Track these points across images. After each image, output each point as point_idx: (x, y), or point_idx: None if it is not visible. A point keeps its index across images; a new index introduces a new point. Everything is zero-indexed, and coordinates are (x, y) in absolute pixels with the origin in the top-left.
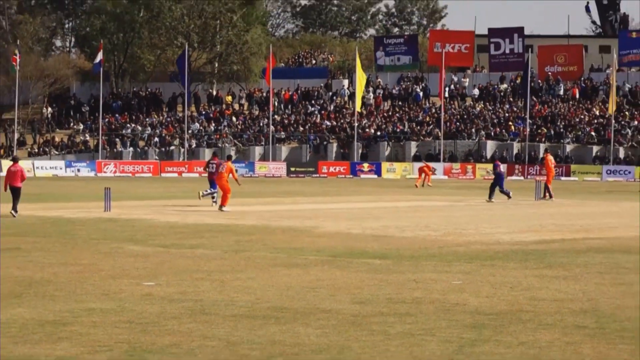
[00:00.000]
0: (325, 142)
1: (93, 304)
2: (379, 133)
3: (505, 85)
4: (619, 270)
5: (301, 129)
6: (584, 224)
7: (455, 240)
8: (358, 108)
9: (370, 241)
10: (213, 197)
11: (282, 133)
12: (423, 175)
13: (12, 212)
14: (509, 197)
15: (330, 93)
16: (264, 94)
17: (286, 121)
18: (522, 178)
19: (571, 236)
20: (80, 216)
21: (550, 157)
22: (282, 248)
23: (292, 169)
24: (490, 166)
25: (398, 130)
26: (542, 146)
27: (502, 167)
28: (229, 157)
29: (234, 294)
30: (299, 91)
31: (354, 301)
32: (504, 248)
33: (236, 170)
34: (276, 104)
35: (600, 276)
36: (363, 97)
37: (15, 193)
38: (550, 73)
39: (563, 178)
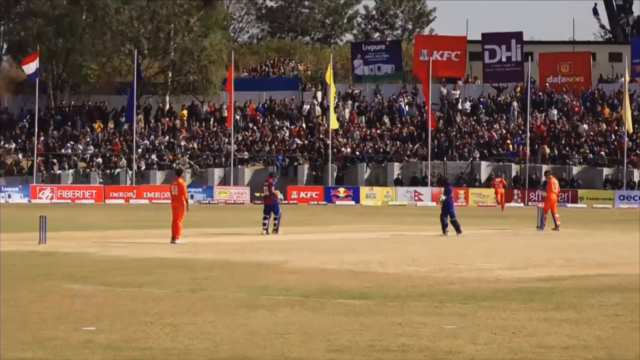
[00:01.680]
0: (295, 164)
1: (23, 353)
2: (357, 153)
3: (502, 98)
4: (638, 312)
5: (267, 148)
6: (596, 258)
7: (448, 277)
8: (333, 125)
9: (349, 278)
10: (274, 225)
11: (246, 153)
12: (499, 195)
13: None
14: (458, 231)
15: (302, 107)
16: (225, 108)
17: (250, 139)
18: (522, 205)
19: (582, 272)
20: (10, 249)
21: (555, 181)
22: (246, 286)
23: (257, 194)
24: (487, 191)
25: (379, 149)
26: (545, 168)
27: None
28: (179, 172)
29: (189, 341)
30: (265, 105)
31: (329, 349)
32: (504, 286)
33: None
34: (239, 119)
35: (616, 319)
36: (338, 112)
37: None
38: (552, 84)
39: (569, 205)
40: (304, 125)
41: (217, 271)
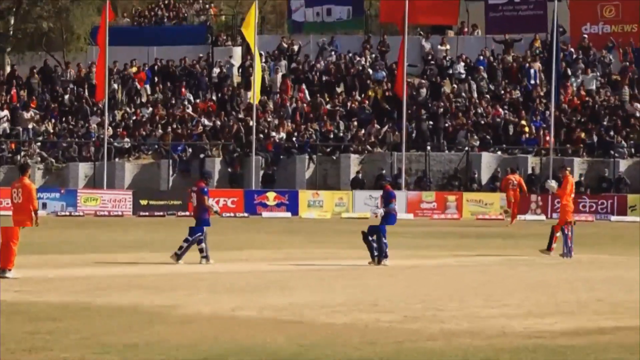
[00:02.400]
0: (201, 156)
1: None
2: (294, 139)
3: (513, 57)
4: None
5: (160, 132)
6: None
7: (426, 330)
8: (256, 98)
9: (272, 331)
10: (202, 252)
11: (126, 140)
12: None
13: None
14: (381, 258)
15: (212, 71)
16: (95, 72)
17: (134, 119)
18: (542, 217)
19: (633, 321)
20: None
21: (572, 179)
22: (113, 345)
23: (143, 202)
24: (489, 196)
25: (327, 134)
26: (578, 162)
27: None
28: (24, 168)
29: None
30: (156, 67)
31: None
32: (513, 343)
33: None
34: (116, 88)
35: None
36: (268, 79)
37: None
38: (591, 36)
39: (614, 218)
40: (214, 98)
41: (69, 321)
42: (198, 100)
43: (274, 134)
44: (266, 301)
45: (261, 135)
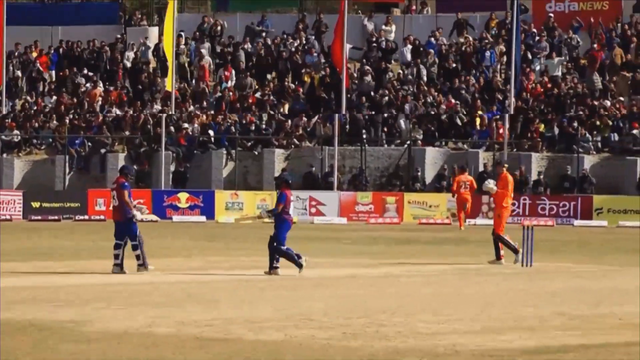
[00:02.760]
0: (103, 151)
1: None
2: (210, 132)
3: (468, 40)
4: None
5: (55, 123)
6: (620, 312)
7: (368, 348)
8: (168, 85)
9: (192, 350)
10: (138, 260)
11: (16, 133)
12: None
13: None
14: (270, 269)
15: (125, 54)
16: None
17: (34, 109)
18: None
19: (598, 337)
20: None
21: (510, 177)
22: None
23: (35, 204)
24: (434, 197)
25: (248, 126)
26: (537, 157)
27: (293, 201)
28: None
29: None
30: (60, 50)
31: None
32: None
33: None
34: (14, 74)
35: None
36: (191, 64)
37: None
38: (557, 15)
39: (577, 222)
40: (127, 85)
41: None
42: (112, 88)
43: (186, 125)
44: (186, 316)
45: (172, 129)
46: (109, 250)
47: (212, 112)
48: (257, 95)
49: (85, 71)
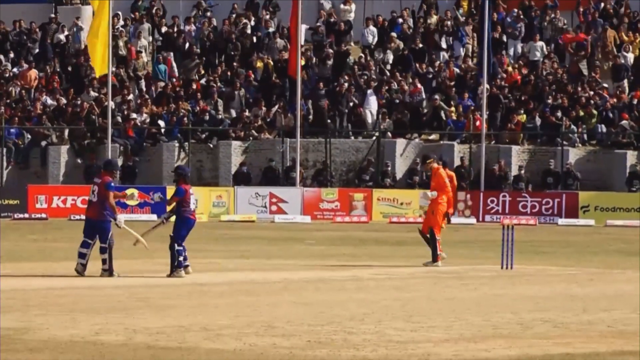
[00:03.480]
0: (43, 143)
1: None
2: (161, 124)
3: (436, 20)
4: None
5: None
6: (608, 319)
7: (335, 357)
8: (101, 70)
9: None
10: (104, 264)
11: None
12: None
13: None
14: (171, 272)
15: (55, 37)
16: None
17: None
18: (474, 221)
19: (585, 346)
20: None
21: (443, 172)
22: None
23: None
24: (405, 194)
25: (200, 115)
26: (517, 151)
27: (194, 201)
28: None
29: None
30: None
31: None
32: None
33: None
34: None
35: None
36: (134, 45)
37: None
38: None
39: (562, 220)
40: (59, 69)
41: None
42: (41, 74)
43: (134, 115)
44: (137, 323)
45: (120, 119)
46: (52, 251)
47: (151, 99)
48: (203, 82)
49: (12, 55)
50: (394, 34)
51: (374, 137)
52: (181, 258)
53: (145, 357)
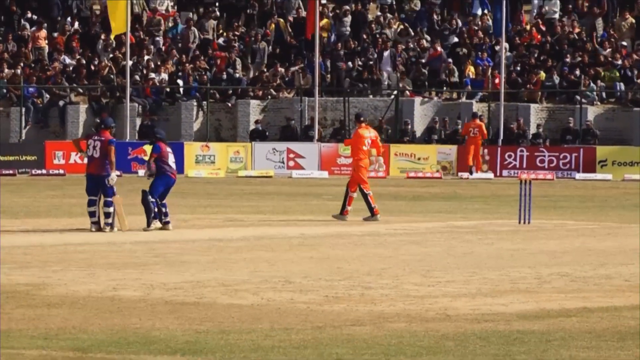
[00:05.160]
0: (61, 103)
1: None
2: (180, 82)
3: None
4: None
5: (7, 71)
6: (626, 273)
7: (351, 312)
8: (119, 30)
9: (162, 315)
10: (107, 218)
11: None
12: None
13: None
14: (148, 224)
15: None
16: None
17: None
18: (491, 176)
19: (600, 300)
20: None
21: (362, 131)
22: None
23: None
24: (423, 149)
25: (221, 76)
26: (536, 109)
27: (173, 160)
28: None
29: None
30: None
31: None
32: (457, 329)
33: None
34: None
35: None
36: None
37: None
38: None
39: (579, 175)
40: (77, 27)
41: None
42: (55, 33)
43: (153, 75)
44: (154, 278)
45: (137, 77)
46: (69, 207)
47: (176, 60)
48: (220, 41)
49: (30, 15)
50: None
51: (392, 96)
52: (156, 209)
53: (163, 312)
